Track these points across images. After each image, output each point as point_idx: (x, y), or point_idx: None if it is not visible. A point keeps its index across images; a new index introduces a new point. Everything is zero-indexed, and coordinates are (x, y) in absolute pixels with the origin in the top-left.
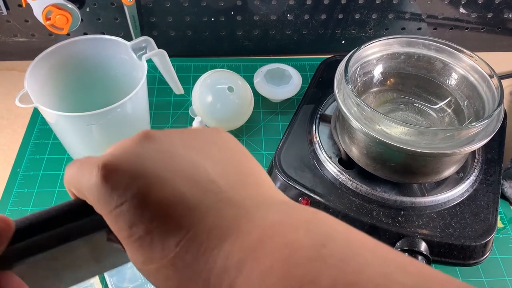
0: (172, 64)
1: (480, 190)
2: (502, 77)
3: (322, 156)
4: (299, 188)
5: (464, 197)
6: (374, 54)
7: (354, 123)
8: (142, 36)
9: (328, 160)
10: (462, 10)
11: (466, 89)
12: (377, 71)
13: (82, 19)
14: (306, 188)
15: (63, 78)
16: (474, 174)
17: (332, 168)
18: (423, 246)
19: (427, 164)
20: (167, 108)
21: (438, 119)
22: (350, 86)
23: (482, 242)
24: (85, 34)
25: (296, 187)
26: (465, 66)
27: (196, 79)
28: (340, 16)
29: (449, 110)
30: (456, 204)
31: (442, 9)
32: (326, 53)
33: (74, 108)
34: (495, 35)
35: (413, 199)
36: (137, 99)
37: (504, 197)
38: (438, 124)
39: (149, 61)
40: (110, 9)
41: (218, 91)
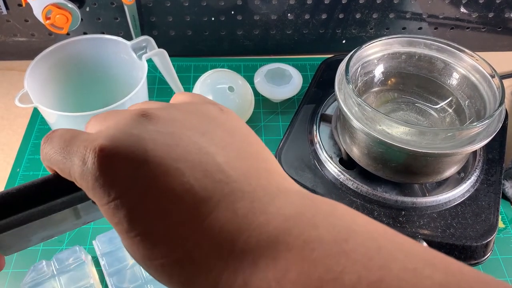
0: (172, 64)
1: (481, 190)
2: (503, 77)
3: (323, 156)
4: None
5: (465, 197)
6: (375, 54)
7: (355, 123)
8: (142, 36)
9: (329, 160)
10: (463, 10)
11: (467, 89)
12: (378, 71)
13: (82, 19)
14: (307, 188)
15: (63, 78)
16: (475, 174)
17: (333, 168)
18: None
19: (428, 164)
20: None
21: (439, 119)
22: (351, 86)
23: (483, 242)
24: (85, 34)
25: None
26: (466, 66)
27: (196, 79)
28: (341, 16)
29: (450, 110)
30: (457, 204)
31: (443, 9)
32: (327, 53)
33: (74, 108)
34: (496, 35)
35: (414, 199)
36: (137, 99)
37: (505, 197)
38: (439, 124)
39: (149, 61)
40: (110, 9)
41: (219, 91)
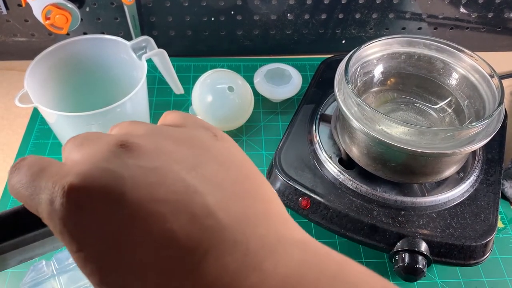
0: (172, 64)
1: (481, 190)
2: (503, 77)
3: (322, 156)
4: (299, 188)
5: (465, 197)
6: (375, 54)
7: (355, 123)
8: (142, 36)
9: (329, 160)
10: (463, 10)
11: (467, 89)
12: (378, 71)
13: (82, 19)
14: (306, 188)
15: (63, 78)
16: (475, 174)
17: (333, 168)
18: (424, 246)
19: (428, 164)
20: (167, 108)
21: (439, 119)
22: (351, 86)
23: (483, 242)
24: (85, 34)
25: (296, 187)
26: (466, 66)
27: (196, 79)
28: (341, 16)
29: (450, 110)
30: (457, 204)
31: (443, 9)
32: (326, 53)
33: (74, 108)
34: (496, 35)
35: (414, 199)
36: (137, 99)
37: (505, 197)
38: (439, 124)
39: (149, 61)
40: (110, 9)
41: (218, 91)
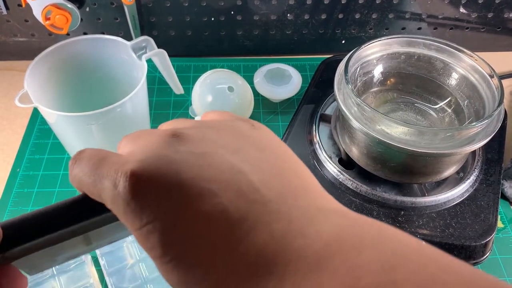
0: (172, 64)
1: (480, 190)
2: (502, 77)
3: (322, 156)
4: None
5: (464, 197)
6: (374, 54)
7: (354, 123)
8: (142, 36)
9: (328, 160)
10: (462, 10)
11: (467, 89)
12: (377, 71)
13: (82, 19)
14: None
15: (63, 78)
16: (474, 174)
17: (332, 168)
18: None
19: (427, 164)
20: (167, 108)
21: (438, 119)
22: (350, 86)
23: (482, 242)
24: (85, 34)
25: None
26: (466, 66)
27: (196, 79)
28: (340, 16)
29: (449, 110)
30: (456, 204)
31: (442, 9)
32: (326, 53)
33: (74, 108)
34: (496, 35)
35: (413, 199)
36: (137, 99)
37: (504, 197)
38: (438, 124)
39: (149, 61)
40: (110, 9)
41: (218, 91)
